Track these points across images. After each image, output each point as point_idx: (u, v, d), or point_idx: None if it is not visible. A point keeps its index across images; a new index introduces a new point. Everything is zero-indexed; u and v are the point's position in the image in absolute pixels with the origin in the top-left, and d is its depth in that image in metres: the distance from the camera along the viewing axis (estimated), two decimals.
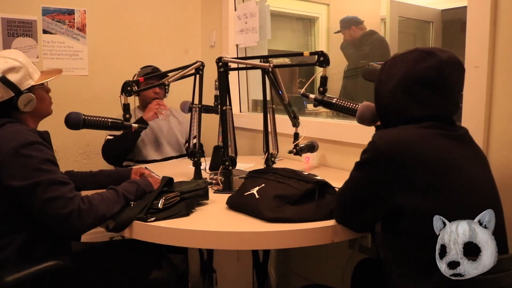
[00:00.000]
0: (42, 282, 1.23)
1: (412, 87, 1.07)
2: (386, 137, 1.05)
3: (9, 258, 1.23)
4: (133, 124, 1.59)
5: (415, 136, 1.04)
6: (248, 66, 1.90)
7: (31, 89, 1.32)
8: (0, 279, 1.13)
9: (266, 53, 2.78)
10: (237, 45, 2.88)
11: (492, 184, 1.10)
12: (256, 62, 1.75)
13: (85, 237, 1.69)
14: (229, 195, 1.44)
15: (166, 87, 2.46)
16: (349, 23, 2.98)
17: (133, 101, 2.38)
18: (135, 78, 2.25)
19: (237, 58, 2.50)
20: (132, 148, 2.30)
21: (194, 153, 1.82)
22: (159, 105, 2.26)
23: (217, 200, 1.49)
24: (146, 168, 1.71)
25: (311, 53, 1.50)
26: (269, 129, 1.79)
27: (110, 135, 2.28)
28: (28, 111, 1.32)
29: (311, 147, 1.99)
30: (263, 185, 1.37)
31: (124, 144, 2.25)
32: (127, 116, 1.59)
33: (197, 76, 1.82)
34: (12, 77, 1.27)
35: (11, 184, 1.17)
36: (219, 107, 1.67)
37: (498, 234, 1.00)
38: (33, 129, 1.29)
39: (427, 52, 1.07)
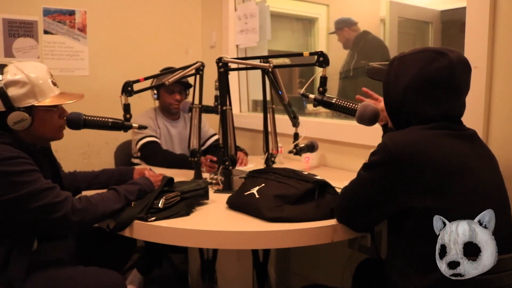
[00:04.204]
0: None
1: (424, 87, 1.07)
2: (396, 139, 1.05)
3: None
4: (133, 125, 1.60)
5: (425, 137, 1.04)
6: (248, 66, 1.91)
7: (31, 108, 1.26)
8: None
9: (266, 54, 2.79)
10: (237, 45, 2.89)
11: (501, 183, 1.11)
12: (256, 62, 1.75)
13: None
14: (229, 195, 1.45)
15: (187, 90, 2.36)
16: (342, 25, 2.98)
17: (153, 103, 2.35)
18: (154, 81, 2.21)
19: (237, 58, 2.50)
20: None
21: (194, 153, 1.83)
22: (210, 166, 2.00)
23: (217, 200, 1.49)
24: (150, 169, 1.71)
25: (311, 53, 1.51)
26: (269, 129, 1.80)
27: (148, 136, 2.18)
28: (18, 129, 1.25)
29: (311, 147, 2.00)
30: (263, 184, 1.38)
31: (179, 167, 2.07)
32: (127, 116, 1.60)
33: (197, 76, 1.83)
34: (12, 91, 1.22)
35: None
36: (219, 107, 1.68)
37: (506, 231, 1.01)
38: (11, 141, 1.22)
39: (438, 52, 1.07)
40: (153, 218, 1.27)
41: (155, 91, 2.29)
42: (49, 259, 1.36)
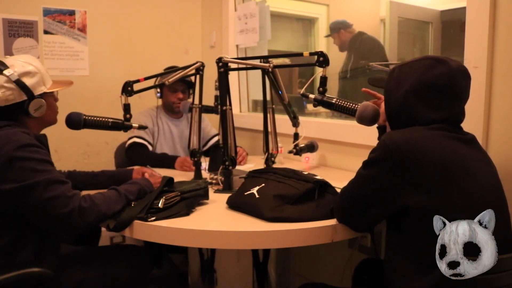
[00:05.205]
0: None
1: (424, 93, 1.09)
2: (396, 137, 1.06)
3: None
4: (133, 125, 1.60)
5: (425, 137, 1.05)
6: (248, 66, 1.91)
7: (42, 95, 1.34)
8: None
9: (266, 54, 2.79)
10: (237, 45, 2.89)
11: (498, 186, 1.11)
12: (256, 62, 1.75)
13: None
14: (229, 195, 1.45)
15: (191, 89, 2.34)
16: (337, 26, 2.99)
17: (153, 103, 2.35)
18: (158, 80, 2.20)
19: (237, 58, 2.50)
20: None
21: (194, 153, 1.83)
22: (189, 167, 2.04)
23: (217, 200, 1.49)
24: (147, 166, 1.72)
25: (311, 53, 1.51)
26: (269, 129, 1.80)
27: (137, 137, 2.20)
28: (38, 116, 1.33)
29: (311, 147, 2.00)
30: (263, 184, 1.38)
31: (159, 165, 2.10)
32: (128, 116, 1.60)
33: (197, 76, 1.83)
34: (28, 81, 1.29)
35: (5, 188, 1.16)
36: (219, 107, 1.68)
37: (503, 233, 1.01)
38: (28, 131, 1.28)
39: (438, 60, 1.10)
40: (153, 218, 1.27)
41: (158, 90, 2.30)
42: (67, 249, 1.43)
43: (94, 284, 1.37)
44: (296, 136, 1.91)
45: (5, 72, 1.25)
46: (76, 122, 1.50)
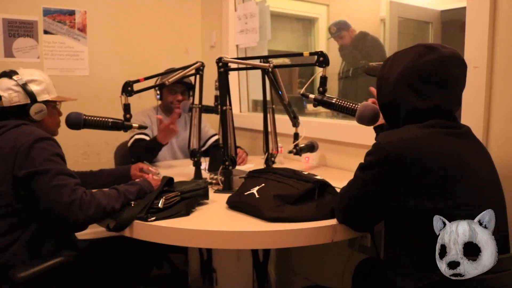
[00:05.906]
0: (51, 278, 1.28)
1: (413, 80, 1.07)
2: (391, 138, 1.04)
3: (18, 253, 1.27)
4: (133, 124, 1.60)
5: (421, 136, 1.03)
6: (248, 66, 1.91)
7: (45, 102, 1.47)
8: (12, 276, 1.19)
9: (266, 54, 2.79)
10: (237, 45, 2.89)
11: (496, 180, 1.11)
12: (256, 62, 1.75)
13: (86, 236, 1.71)
14: (229, 195, 1.45)
15: (191, 91, 2.31)
16: (346, 25, 2.98)
17: (153, 103, 2.34)
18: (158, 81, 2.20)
19: (237, 58, 2.50)
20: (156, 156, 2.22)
21: (194, 153, 1.83)
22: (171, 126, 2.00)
23: (217, 200, 1.49)
24: (144, 162, 1.73)
25: (311, 53, 1.51)
26: (269, 129, 1.80)
27: (138, 134, 2.20)
28: (38, 120, 1.45)
29: (311, 147, 2.00)
30: (263, 184, 1.38)
31: (152, 155, 2.17)
32: (128, 116, 1.60)
33: (197, 76, 1.83)
34: (33, 87, 1.44)
35: (22, 172, 1.26)
36: (219, 107, 1.68)
37: (501, 231, 1.01)
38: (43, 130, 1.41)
39: (429, 47, 1.08)
40: (153, 218, 1.27)
41: (158, 92, 2.30)
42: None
43: (102, 276, 1.46)
44: (296, 136, 1.91)
45: (14, 77, 1.43)
46: (76, 122, 1.51)
